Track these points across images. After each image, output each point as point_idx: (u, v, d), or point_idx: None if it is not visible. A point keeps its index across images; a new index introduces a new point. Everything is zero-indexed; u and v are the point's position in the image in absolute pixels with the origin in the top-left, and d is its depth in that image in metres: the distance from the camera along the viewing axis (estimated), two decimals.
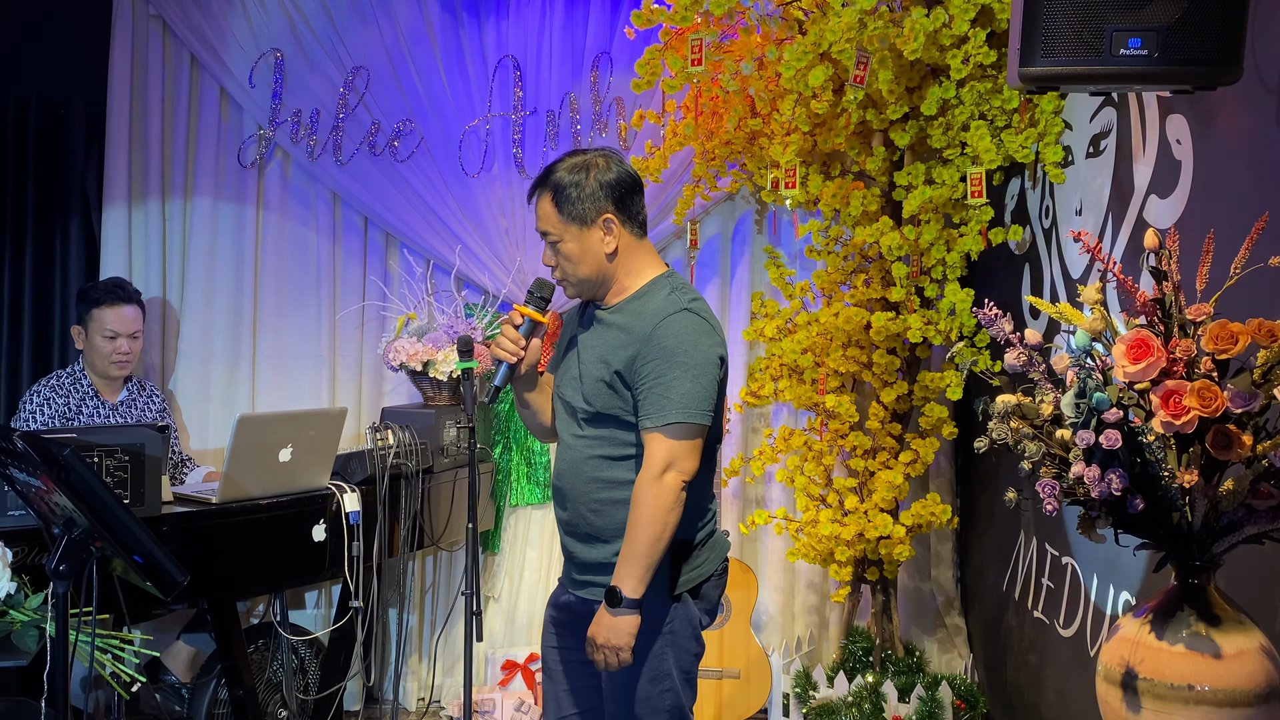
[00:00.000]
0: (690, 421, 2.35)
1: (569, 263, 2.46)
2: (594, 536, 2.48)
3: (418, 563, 4.39)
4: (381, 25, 4.30)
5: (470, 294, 4.37)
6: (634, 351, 2.39)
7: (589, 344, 2.50)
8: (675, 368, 2.35)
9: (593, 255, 2.45)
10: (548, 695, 2.64)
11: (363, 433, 4.23)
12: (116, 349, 3.76)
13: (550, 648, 2.63)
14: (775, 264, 4.04)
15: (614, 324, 2.48)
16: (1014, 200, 3.74)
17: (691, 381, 2.36)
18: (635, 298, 2.48)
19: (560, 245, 2.45)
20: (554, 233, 2.45)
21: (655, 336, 2.38)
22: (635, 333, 2.42)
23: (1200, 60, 1.91)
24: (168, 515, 3.07)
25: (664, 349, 2.37)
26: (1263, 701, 1.74)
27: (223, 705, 3.50)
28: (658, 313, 2.41)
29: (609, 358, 2.43)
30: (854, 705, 3.78)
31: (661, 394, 2.35)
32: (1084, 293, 1.94)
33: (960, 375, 3.69)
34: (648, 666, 2.43)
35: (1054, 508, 1.84)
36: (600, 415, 2.44)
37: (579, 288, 2.50)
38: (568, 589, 2.58)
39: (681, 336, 2.38)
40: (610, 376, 2.42)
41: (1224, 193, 2.31)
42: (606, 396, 2.43)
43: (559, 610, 2.61)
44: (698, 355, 2.38)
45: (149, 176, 4.36)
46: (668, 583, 2.44)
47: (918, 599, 4.28)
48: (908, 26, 3.29)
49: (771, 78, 3.68)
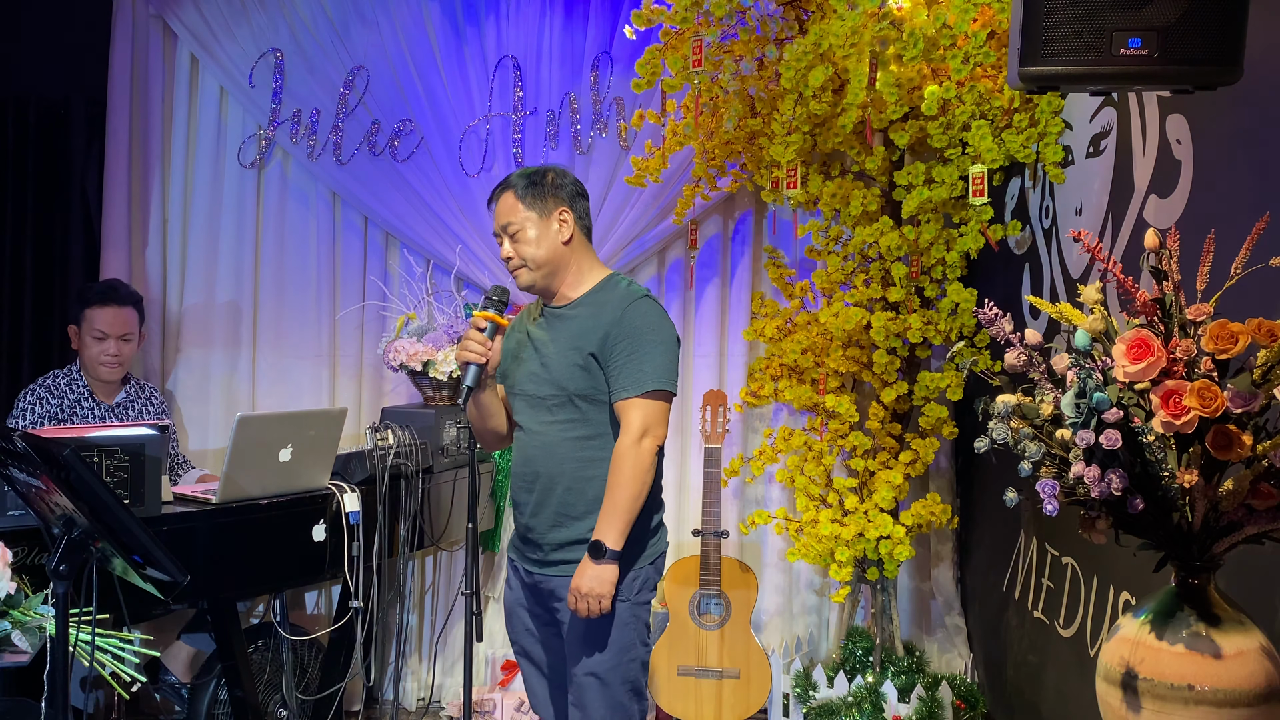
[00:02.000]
0: (664, 389, 2.61)
1: (527, 245, 2.67)
2: (566, 515, 2.67)
3: (418, 563, 4.39)
4: (381, 25, 4.30)
5: (470, 294, 4.37)
6: (604, 333, 2.63)
7: (550, 338, 2.71)
8: (646, 344, 2.61)
9: (549, 240, 2.68)
10: (529, 678, 2.85)
11: (363, 433, 4.24)
12: (105, 350, 3.75)
13: (523, 630, 2.82)
14: (775, 264, 4.04)
15: (576, 316, 2.70)
16: (1014, 200, 3.74)
17: (662, 355, 2.62)
18: (593, 292, 2.72)
19: (520, 233, 2.68)
20: (514, 223, 2.68)
21: (625, 318, 2.62)
22: (602, 317, 2.65)
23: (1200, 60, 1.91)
24: (168, 515, 3.07)
25: (635, 328, 2.62)
26: (1263, 701, 1.74)
27: (223, 705, 3.50)
28: (623, 298, 2.67)
29: (579, 343, 2.65)
30: (854, 705, 3.78)
31: (636, 366, 2.60)
32: (1084, 293, 1.94)
33: (960, 375, 3.69)
34: (616, 631, 2.64)
35: (1054, 508, 1.84)
36: (572, 399, 2.65)
37: (535, 273, 2.69)
38: (530, 573, 2.75)
39: (649, 317, 2.64)
40: (584, 359, 2.63)
41: (1224, 193, 2.31)
42: (581, 378, 2.64)
43: (527, 597, 2.79)
44: (664, 333, 2.65)
45: (149, 176, 4.36)
46: (637, 555, 2.67)
47: (918, 599, 4.28)
48: (907, 31, 3.29)
49: (771, 78, 3.68)
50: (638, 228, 4.24)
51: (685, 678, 3.91)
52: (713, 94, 3.79)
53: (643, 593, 2.70)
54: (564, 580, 2.67)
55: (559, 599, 2.69)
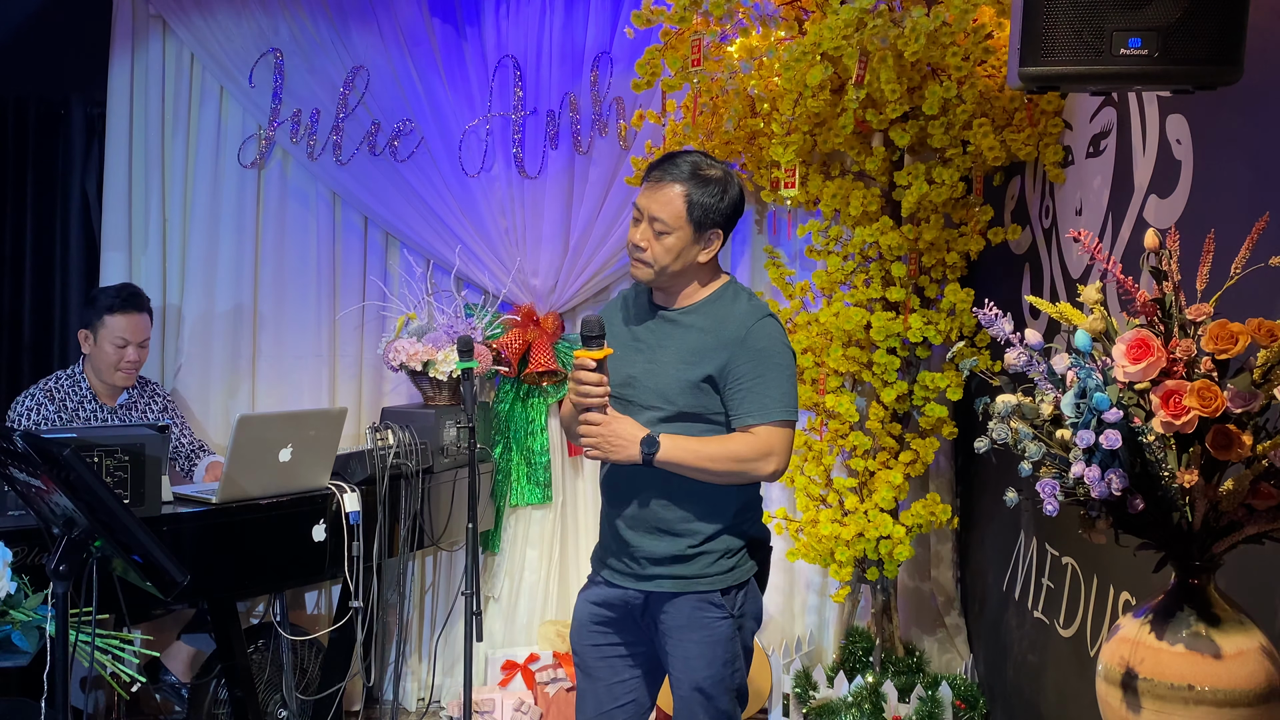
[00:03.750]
0: (791, 419, 2.50)
1: (665, 253, 2.49)
2: (663, 530, 2.52)
3: (418, 563, 4.39)
4: (381, 25, 4.30)
5: (470, 294, 4.37)
6: (727, 355, 2.48)
7: (661, 344, 2.55)
8: (773, 369, 2.48)
9: (688, 257, 2.51)
10: (585, 693, 2.68)
11: (363, 433, 4.23)
12: (125, 358, 3.72)
13: (589, 645, 2.65)
14: (775, 264, 4.03)
15: (692, 325, 2.54)
16: (1014, 200, 3.74)
17: (787, 382, 2.50)
18: (710, 301, 2.56)
19: (666, 236, 2.48)
20: (664, 222, 2.47)
21: (750, 339, 2.48)
22: (724, 335, 2.49)
23: (1200, 60, 1.91)
24: (168, 515, 3.07)
25: (760, 350, 2.48)
26: (1263, 702, 1.74)
27: (223, 705, 3.50)
28: (747, 316, 2.52)
29: (696, 360, 2.49)
30: (854, 705, 3.78)
31: (763, 392, 2.46)
32: (1084, 293, 1.94)
33: (960, 375, 3.69)
34: (724, 650, 2.54)
35: (1054, 508, 1.84)
36: (682, 414, 2.50)
37: (657, 277, 2.52)
38: (618, 584, 2.59)
39: (775, 339, 2.51)
40: (700, 379, 2.48)
41: (1224, 193, 2.31)
42: (692, 396, 2.49)
43: (604, 606, 2.63)
44: (788, 358, 2.53)
45: (149, 176, 4.36)
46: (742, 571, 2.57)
47: (918, 599, 4.28)
48: (908, 26, 3.29)
49: (771, 78, 3.68)
50: None
51: None
52: (712, 94, 3.78)
53: (746, 605, 2.59)
54: (655, 598, 2.55)
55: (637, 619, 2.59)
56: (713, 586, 2.53)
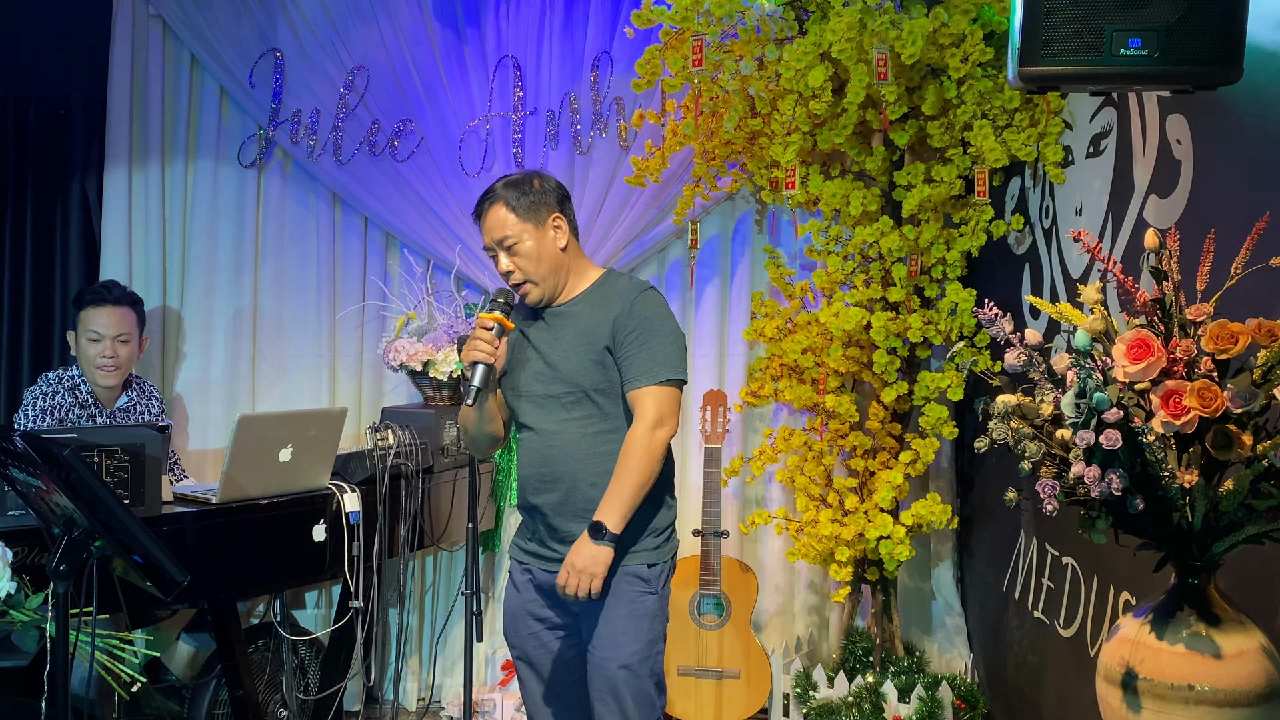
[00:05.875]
0: (677, 378, 2.63)
1: (531, 261, 2.65)
2: (590, 511, 2.60)
3: (418, 563, 4.38)
4: (381, 25, 4.30)
5: (470, 294, 4.36)
6: (614, 325, 2.63)
7: (554, 337, 2.70)
8: (658, 335, 2.63)
9: (549, 251, 2.67)
10: (529, 682, 2.84)
11: (363, 433, 4.23)
12: (100, 353, 3.64)
13: (527, 635, 2.79)
14: (775, 264, 4.03)
15: (578, 313, 2.70)
16: (1014, 200, 3.74)
17: (672, 344, 2.64)
18: (594, 288, 2.72)
19: (518, 246, 2.64)
20: (511, 235, 2.64)
21: (635, 309, 2.63)
22: (610, 309, 2.65)
23: (1200, 60, 1.91)
24: (168, 515, 3.06)
25: (645, 318, 2.63)
26: (1263, 701, 1.74)
27: (223, 705, 3.50)
28: (629, 290, 2.68)
29: (591, 338, 2.65)
30: (854, 705, 3.78)
31: (649, 356, 2.61)
32: (1084, 293, 1.94)
33: (960, 375, 3.69)
34: (649, 627, 2.65)
35: (1054, 508, 1.84)
36: (589, 394, 2.65)
37: (542, 287, 2.68)
38: (549, 570, 2.70)
39: (658, 308, 2.67)
40: (599, 354, 2.63)
41: (1224, 193, 2.31)
42: (596, 373, 2.64)
43: (537, 594, 2.75)
44: (673, 324, 2.68)
45: (149, 177, 4.36)
46: (666, 549, 2.70)
47: (918, 599, 4.28)
48: (906, 29, 3.29)
49: (771, 78, 3.68)
50: (638, 228, 4.24)
51: (685, 678, 3.91)
52: (713, 94, 3.78)
53: (666, 586, 2.72)
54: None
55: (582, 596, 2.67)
56: (640, 561, 2.65)
